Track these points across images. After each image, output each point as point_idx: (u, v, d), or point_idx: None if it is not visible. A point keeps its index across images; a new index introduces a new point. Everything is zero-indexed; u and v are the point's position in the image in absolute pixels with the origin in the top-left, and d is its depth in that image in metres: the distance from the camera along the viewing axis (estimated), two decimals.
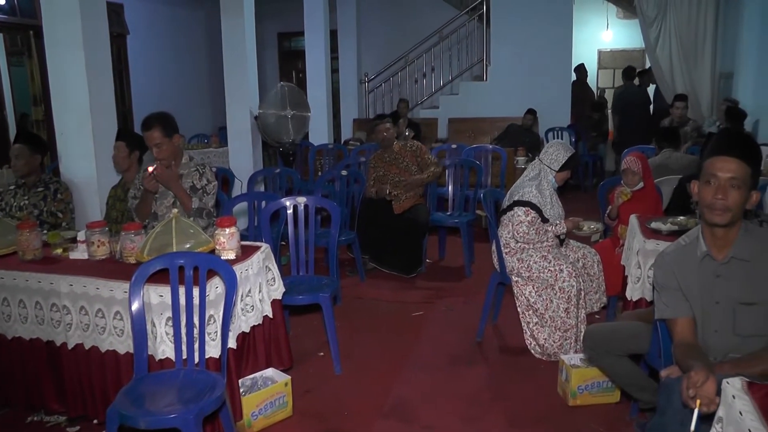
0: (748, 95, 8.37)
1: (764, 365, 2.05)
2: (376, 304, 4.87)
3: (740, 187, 2.09)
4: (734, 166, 2.08)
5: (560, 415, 3.22)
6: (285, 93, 6.66)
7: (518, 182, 4.03)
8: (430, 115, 9.95)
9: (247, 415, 2.99)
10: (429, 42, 10.20)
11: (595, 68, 13.51)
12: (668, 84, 9.24)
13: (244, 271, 3.03)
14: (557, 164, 3.91)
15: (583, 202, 7.50)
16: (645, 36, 9.38)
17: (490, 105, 9.62)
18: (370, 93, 10.66)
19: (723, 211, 2.09)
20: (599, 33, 13.41)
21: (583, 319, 3.77)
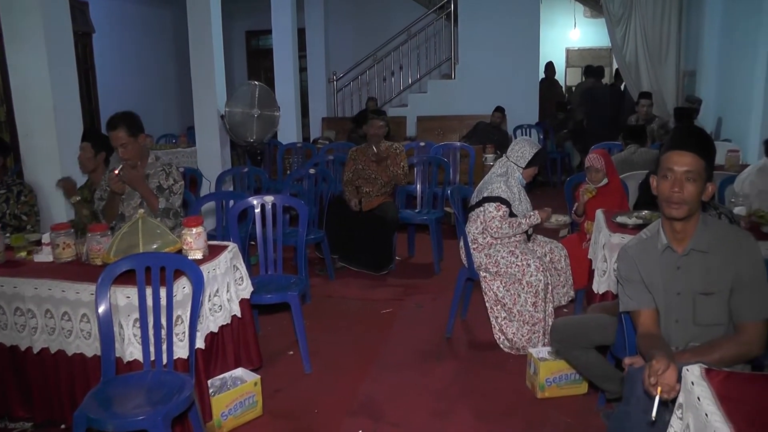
0: (711, 93, 8.56)
1: (722, 352, 2.13)
2: (346, 302, 4.89)
3: (695, 180, 2.15)
4: (689, 159, 2.14)
5: (529, 408, 3.27)
6: (255, 92, 6.63)
7: (486, 179, 4.07)
8: (399, 114, 9.98)
9: (216, 416, 2.99)
10: (397, 40, 10.23)
11: (563, 66, 13.69)
12: (634, 82, 9.40)
13: (211, 270, 3.02)
14: (524, 161, 3.96)
15: (551, 198, 7.55)
16: (611, 35, 9.56)
17: (459, 103, 9.69)
18: (339, 92, 10.66)
19: (680, 204, 2.15)
20: (567, 32, 13.59)
21: (551, 313, 3.83)
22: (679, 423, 1.67)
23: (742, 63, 7.33)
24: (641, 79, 9.39)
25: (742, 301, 2.18)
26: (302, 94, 9.49)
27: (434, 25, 10.28)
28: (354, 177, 5.52)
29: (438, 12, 10.16)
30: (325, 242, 5.23)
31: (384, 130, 5.50)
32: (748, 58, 7.00)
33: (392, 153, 5.51)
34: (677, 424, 1.69)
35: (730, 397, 1.55)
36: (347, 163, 5.58)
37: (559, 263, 4.07)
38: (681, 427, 1.66)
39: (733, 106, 7.78)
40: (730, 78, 7.95)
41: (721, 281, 2.20)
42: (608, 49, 11.99)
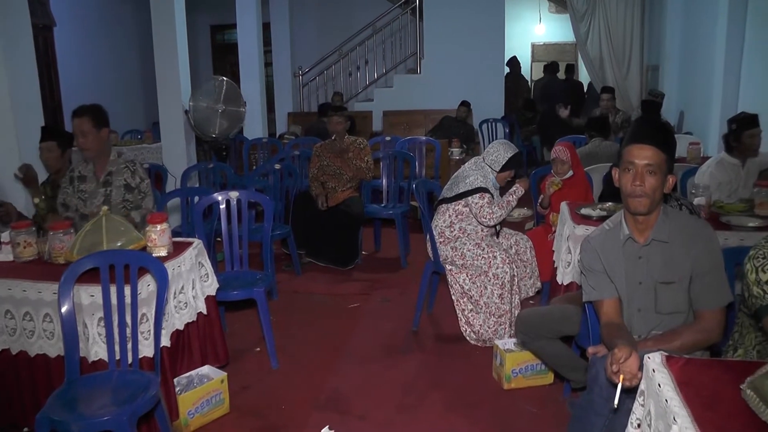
0: (673, 87, 8.74)
1: (682, 340, 2.19)
2: (313, 297, 4.88)
3: (656, 173, 2.19)
4: (650, 153, 2.18)
5: (495, 399, 3.30)
6: (222, 87, 6.57)
7: (461, 173, 4.06)
8: (365, 108, 9.97)
9: (183, 414, 2.97)
10: (362, 35, 10.21)
11: (528, 61, 13.79)
12: (599, 76, 9.53)
13: (176, 267, 3.00)
14: (498, 165, 3.96)
15: None
16: (575, 30, 9.69)
17: (425, 97, 9.71)
18: (305, 86, 10.62)
19: (641, 198, 2.19)
20: (532, 27, 13.70)
21: (517, 305, 3.87)
22: (641, 409, 1.71)
23: (702, 58, 7.48)
24: (605, 73, 9.54)
25: (701, 290, 2.24)
26: (268, 89, 9.44)
27: (399, 19, 10.28)
28: (319, 173, 5.51)
29: (403, 7, 10.16)
30: (292, 238, 5.22)
31: (343, 126, 5.48)
32: (707, 54, 7.15)
33: (356, 148, 5.51)
34: (639, 410, 1.72)
35: (689, 383, 1.59)
36: (312, 159, 5.56)
37: (524, 255, 4.11)
38: (642, 414, 1.69)
39: (694, 100, 7.95)
40: (691, 73, 8.12)
41: (680, 270, 2.25)
42: (573, 44, 12.13)
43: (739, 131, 4.19)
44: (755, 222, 3.45)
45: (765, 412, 1.40)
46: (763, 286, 1.97)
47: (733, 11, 6.50)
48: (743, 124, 4.18)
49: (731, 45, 6.55)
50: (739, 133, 4.20)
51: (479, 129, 9.35)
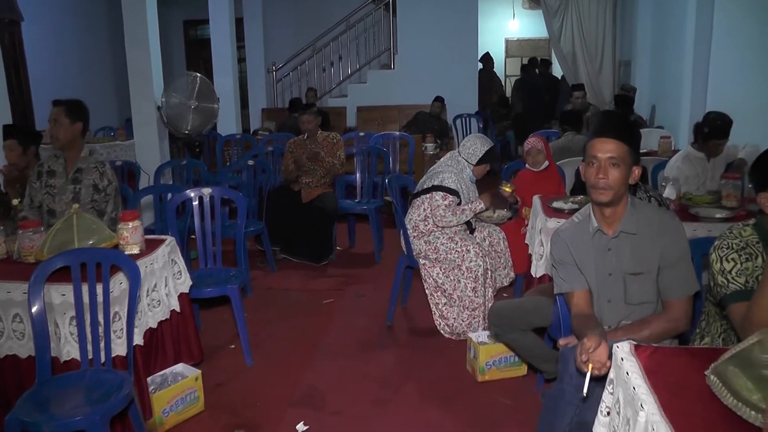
0: (645, 82, 8.87)
1: (651, 329, 2.23)
2: (287, 293, 4.88)
3: (619, 165, 2.22)
4: (612, 146, 2.22)
5: (469, 391, 3.33)
6: (195, 84, 6.53)
7: (437, 168, 4.08)
8: (339, 104, 9.96)
9: (157, 413, 2.95)
10: (336, 30, 10.18)
11: (502, 57, 13.86)
12: (572, 72, 9.62)
13: (148, 265, 2.98)
14: (475, 158, 4.00)
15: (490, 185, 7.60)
16: (548, 26, 9.77)
17: (398, 93, 9.72)
18: (279, 82, 10.57)
19: (605, 190, 2.22)
20: (506, 22, 13.76)
21: (491, 298, 3.91)
22: (610, 398, 1.74)
23: (672, 54, 7.59)
24: (578, 69, 9.62)
25: (668, 280, 2.28)
26: (241, 85, 9.38)
27: (373, 15, 10.27)
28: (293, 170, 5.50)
29: (376, 2, 10.15)
30: (266, 234, 5.21)
31: (313, 124, 5.46)
32: (677, 49, 7.26)
33: (329, 143, 5.50)
34: (608, 398, 1.75)
35: (656, 371, 1.62)
36: (285, 155, 5.55)
37: (498, 246, 4.15)
38: (612, 401, 1.72)
39: (665, 94, 8.07)
40: (662, 68, 8.24)
41: (649, 261, 2.29)
42: (547, 40, 12.22)
43: (708, 137, 4.27)
44: (722, 213, 3.52)
45: (727, 396, 1.44)
46: (727, 276, 2.01)
47: (701, 8, 6.60)
48: (714, 133, 4.25)
49: (700, 41, 6.65)
50: (708, 137, 4.27)
51: (453, 124, 9.38)
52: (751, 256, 2.02)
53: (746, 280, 1.99)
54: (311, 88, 9.63)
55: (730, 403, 1.43)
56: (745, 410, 1.39)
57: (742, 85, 5.95)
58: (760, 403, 1.37)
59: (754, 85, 5.69)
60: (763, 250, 2.02)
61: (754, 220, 2.11)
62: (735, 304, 1.99)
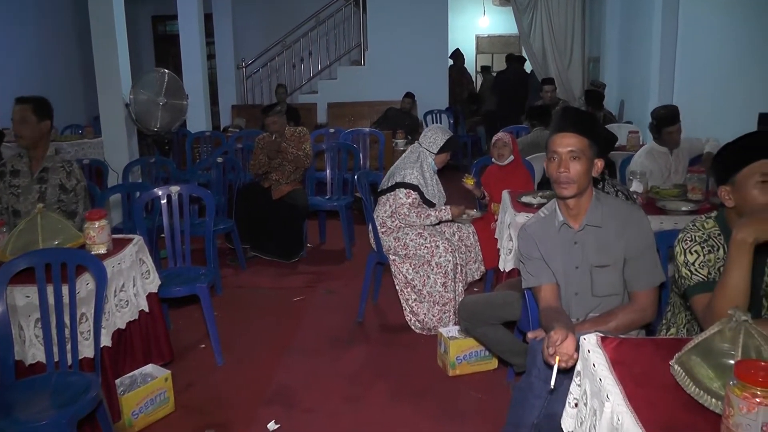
0: (614, 78, 8.98)
1: (618, 321, 2.27)
2: (258, 292, 4.85)
3: (580, 158, 2.24)
4: (571, 140, 2.24)
5: (440, 386, 3.35)
6: (163, 80, 6.45)
7: (398, 164, 4.11)
8: (309, 100, 9.93)
9: (127, 415, 2.92)
10: (306, 26, 10.15)
11: (473, 53, 13.90)
12: (542, 68, 9.69)
13: (116, 265, 2.95)
14: (436, 147, 4.02)
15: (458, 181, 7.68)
16: (518, 23, 9.84)
17: (369, 89, 9.72)
18: (248, 78, 10.50)
19: (568, 184, 2.24)
20: (476, 19, 13.80)
21: (461, 293, 3.92)
22: (578, 389, 1.76)
23: (640, 50, 7.70)
24: (548, 65, 9.70)
25: (634, 271, 2.31)
26: (211, 82, 9.29)
27: (343, 11, 10.26)
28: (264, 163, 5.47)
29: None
30: (235, 232, 5.17)
31: (279, 124, 5.41)
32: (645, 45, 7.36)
33: (296, 137, 5.48)
34: (576, 390, 1.77)
35: (622, 362, 1.64)
36: (254, 151, 5.51)
37: (468, 240, 4.17)
38: (579, 393, 1.74)
39: (633, 89, 8.17)
40: (630, 63, 8.35)
41: (614, 254, 2.32)
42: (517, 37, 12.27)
43: (659, 127, 4.34)
44: (688, 206, 3.58)
45: (690, 385, 1.46)
46: (690, 267, 2.04)
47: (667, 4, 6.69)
48: (662, 122, 4.32)
49: (666, 37, 6.74)
50: (659, 128, 4.34)
51: (424, 120, 9.41)
52: (713, 248, 2.06)
53: (708, 271, 2.03)
54: (281, 84, 9.58)
55: (692, 391, 1.45)
56: (706, 398, 1.42)
57: (707, 80, 6.05)
58: (720, 391, 1.40)
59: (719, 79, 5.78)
60: (724, 242, 2.06)
61: (716, 213, 2.15)
62: (698, 295, 2.02)
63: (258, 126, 7.82)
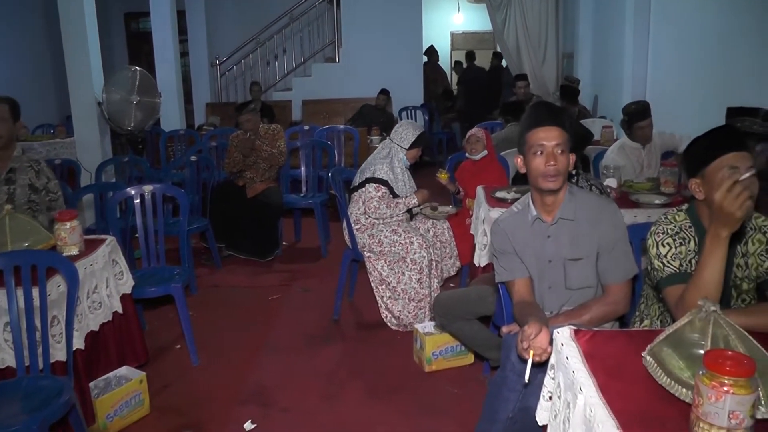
0: (587, 73, 9.05)
1: (591, 314, 2.28)
2: (233, 291, 4.83)
3: (564, 152, 2.26)
4: (556, 133, 2.25)
5: (417, 382, 3.35)
6: (135, 78, 6.38)
7: (369, 160, 4.13)
8: (284, 98, 9.90)
9: (101, 418, 2.88)
10: (280, 23, 10.09)
11: (448, 50, 13.93)
12: (516, 64, 9.74)
13: (88, 266, 2.92)
14: (407, 142, 4.03)
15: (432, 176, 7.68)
16: (492, 19, 9.87)
17: (344, 86, 9.71)
18: (222, 76, 10.41)
19: (556, 176, 2.25)
20: (451, 16, 13.84)
21: (436, 289, 3.94)
22: (552, 382, 1.77)
23: (613, 45, 7.75)
24: (523, 61, 9.74)
25: (607, 264, 2.32)
26: (185, 79, 9.20)
27: (317, 8, 10.21)
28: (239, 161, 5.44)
29: None
30: (210, 231, 5.13)
31: (253, 122, 5.38)
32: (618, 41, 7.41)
33: (270, 135, 5.45)
34: (550, 383, 1.78)
35: (595, 354, 1.65)
36: (228, 149, 5.47)
37: (443, 236, 4.18)
38: (553, 386, 1.75)
39: (607, 85, 8.24)
40: (603, 59, 8.42)
41: (587, 247, 2.33)
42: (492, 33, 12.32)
43: (630, 123, 4.37)
44: (661, 199, 3.62)
45: (662, 376, 1.47)
46: (663, 260, 2.06)
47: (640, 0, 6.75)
48: (633, 117, 4.36)
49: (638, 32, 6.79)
50: (630, 124, 4.38)
51: (399, 117, 9.41)
52: (684, 240, 2.08)
53: (680, 263, 2.05)
54: (255, 82, 9.52)
55: (664, 382, 1.47)
56: (677, 388, 1.43)
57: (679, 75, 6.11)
58: (690, 381, 1.41)
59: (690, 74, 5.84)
60: (695, 234, 2.08)
61: (687, 206, 2.17)
62: (670, 287, 2.04)
63: (232, 124, 7.78)
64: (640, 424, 1.34)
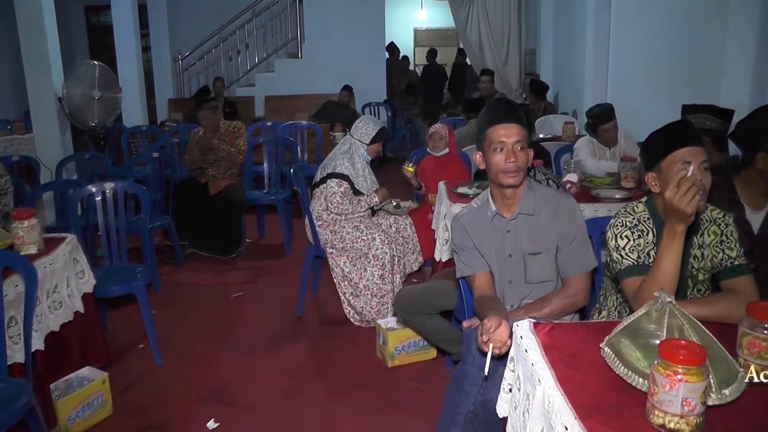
0: (549, 69, 9.16)
1: (551, 306, 2.32)
2: (196, 289, 4.79)
3: (524, 148, 2.29)
4: (516, 130, 2.28)
5: (380, 378, 3.37)
6: (94, 72, 6.27)
7: (330, 156, 4.14)
8: (247, 93, 9.81)
9: (62, 420, 2.84)
10: (242, 18, 10.01)
11: (411, 46, 13.96)
12: (479, 61, 9.79)
13: (47, 265, 2.87)
14: (367, 137, 4.05)
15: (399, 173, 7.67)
16: (455, 16, 9.91)
17: (307, 82, 9.67)
18: (185, 71, 10.28)
19: (517, 173, 2.27)
20: (414, 12, 13.86)
21: (399, 284, 3.96)
22: (512, 375, 1.79)
23: (574, 42, 7.85)
24: (485, 58, 9.81)
25: (566, 258, 2.36)
26: (147, 75, 9.04)
27: (279, 3, 10.13)
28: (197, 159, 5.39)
29: None
30: (173, 228, 5.07)
31: (211, 120, 5.32)
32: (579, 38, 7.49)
33: (230, 132, 5.41)
34: (510, 375, 1.80)
35: (554, 346, 1.68)
36: (189, 145, 5.42)
37: (405, 231, 4.20)
38: (513, 379, 1.77)
39: (568, 81, 8.34)
40: (565, 56, 8.52)
41: (547, 241, 2.36)
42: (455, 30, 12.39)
43: (594, 126, 4.43)
44: (622, 194, 3.69)
45: (619, 366, 1.51)
46: (621, 252, 2.10)
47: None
48: (597, 120, 4.42)
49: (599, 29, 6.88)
50: (595, 127, 4.44)
51: (362, 113, 9.38)
52: (642, 232, 2.12)
53: (638, 255, 2.09)
54: (218, 78, 9.43)
55: (621, 372, 1.50)
56: (634, 378, 1.46)
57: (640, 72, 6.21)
58: (646, 370, 1.44)
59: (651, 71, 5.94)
60: (653, 227, 2.13)
61: (646, 198, 2.22)
62: (628, 279, 2.08)
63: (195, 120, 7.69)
64: (598, 414, 1.37)
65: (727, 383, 1.42)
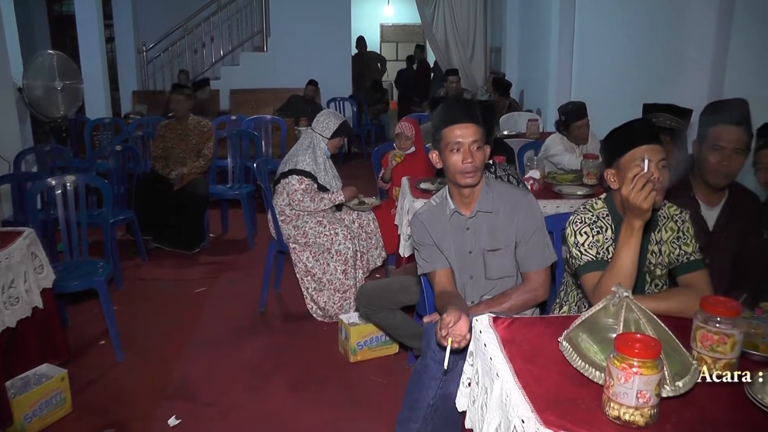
0: (514, 67, 9.24)
1: (511, 301, 2.34)
2: (159, 284, 4.75)
3: (481, 147, 2.31)
4: (472, 130, 2.29)
5: (342, 373, 3.38)
6: (53, 62, 6.15)
7: (292, 150, 4.11)
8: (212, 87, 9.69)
9: (18, 419, 2.79)
10: (208, 10, 9.90)
11: (378, 41, 13.94)
12: (445, 58, 9.83)
13: (3, 260, 2.80)
14: (329, 132, 4.03)
15: (366, 169, 7.70)
16: (421, 13, 9.94)
17: (272, 76, 9.62)
18: (150, 63, 10.13)
19: (474, 172, 2.29)
20: (381, 8, 13.86)
21: (361, 279, 3.98)
22: (471, 369, 1.80)
23: (539, 40, 7.92)
24: (451, 55, 9.84)
25: (525, 253, 2.38)
26: (111, 66, 8.91)
27: None
28: (163, 153, 5.33)
29: None
30: (136, 223, 5.01)
31: (183, 104, 5.31)
32: (544, 36, 7.57)
33: (199, 131, 5.38)
34: (469, 370, 1.82)
35: (513, 341, 1.70)
36: (156, 139, 5.36)
37: (368, 227, 4.21)
38: (472, 373, 1.79)
39: (533, 79, 8.42)
40: (530, 54, 8.60)
41: (505, 237, 2.39)
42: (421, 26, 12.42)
43: (568, 122, 4.48)
44: (583, 190, 3.73)
45: (576, 360, 1.53)
46: (580, 248, 2.13)
47: None
48: (570, 117, 4.46)
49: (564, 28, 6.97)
50: (567, 124, 4.48)
51: (327, 107, 9.35)
52: (601, 229, 2.15)
53: (597, 251, 2.12)
54: (183, 70, 9.33)
55: (579, 365, 1.52)
56: (591, 371, 1.48)
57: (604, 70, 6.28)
58: (603, 363, 1.46)
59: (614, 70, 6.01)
60: (611, 223, 2.16)
61: (605, 195, 2.25)
62: (587, 274, 2.11)
63: (160, 113, 7.59)
64: (554, 407, 1.38)
65: (680, 375, 1.44)
